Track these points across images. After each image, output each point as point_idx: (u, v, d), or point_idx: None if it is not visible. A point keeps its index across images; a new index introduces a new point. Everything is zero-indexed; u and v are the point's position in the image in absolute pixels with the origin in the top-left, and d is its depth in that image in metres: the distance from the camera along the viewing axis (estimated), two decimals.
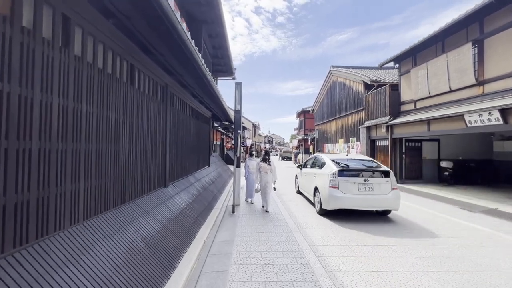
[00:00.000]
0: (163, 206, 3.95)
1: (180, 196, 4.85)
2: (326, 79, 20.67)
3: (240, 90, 6.73)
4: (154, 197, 3.88)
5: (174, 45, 3.40)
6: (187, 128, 6.16)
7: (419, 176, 11.50)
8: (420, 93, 10.00)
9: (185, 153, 5.95)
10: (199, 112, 7.72)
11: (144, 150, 3.66)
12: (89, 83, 2.38)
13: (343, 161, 6.16)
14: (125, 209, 2.99)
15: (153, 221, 3.38)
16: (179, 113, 5.46)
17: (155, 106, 4.08)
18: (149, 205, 3.58)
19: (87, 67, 2.35)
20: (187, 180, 5.93)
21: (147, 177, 3.76)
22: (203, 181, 7.14)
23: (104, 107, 2.62)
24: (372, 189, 5.50)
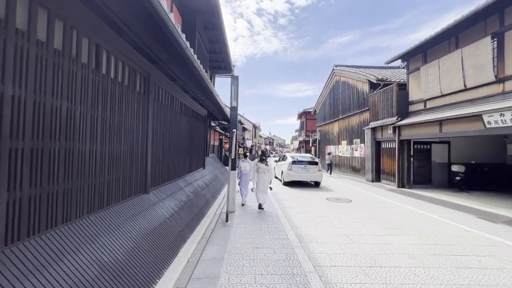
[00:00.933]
0: (140, 218, 3.30)
1: (164, 203, 4.20)
2: (328, 79, 20.04)
3: (236, 85, 6.09)
4: (128, 206, 3.23)
5: (151, 24, 2.76)
6: (177, 126, 5.52)
7: (428, 180, 10.82)
8: (430, 92, 9.34)
9: (174, 154, 5.31)
10: (193, 109, 7.09)
11: (115, 150, 3.02)
12: (19, 54, 1.74)
13: (296, 157, 11.40)
14: (81, 225, 2.34)
15: (122, 238, 2.72)
16: (166, 109, 4.82)
17: (132, 98, 3.44)
18: (120, 218, 2.93)
19: None
20: (176, 185, 5.28)
21: (119, 182, 3.11)
22: (195, 185, 6.49)
23: (48, 91, 1.98)
24: (308, 170, 10.61)
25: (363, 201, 7.90)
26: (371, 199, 8.31)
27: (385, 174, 12.07)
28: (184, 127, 6.11)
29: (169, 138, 4.99)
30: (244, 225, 5.02)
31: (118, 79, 3.11)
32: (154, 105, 4.21)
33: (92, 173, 2.59)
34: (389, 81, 12.37)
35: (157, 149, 4.38)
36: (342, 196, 8.58)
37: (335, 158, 18.63)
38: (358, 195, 8.93)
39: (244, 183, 7.07)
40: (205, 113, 8.83)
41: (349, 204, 7.38)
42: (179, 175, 5.76)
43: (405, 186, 10.62)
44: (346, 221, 5.50)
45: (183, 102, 5.98)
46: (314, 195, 8.69)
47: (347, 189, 10.54)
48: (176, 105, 5.48)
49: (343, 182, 13.04)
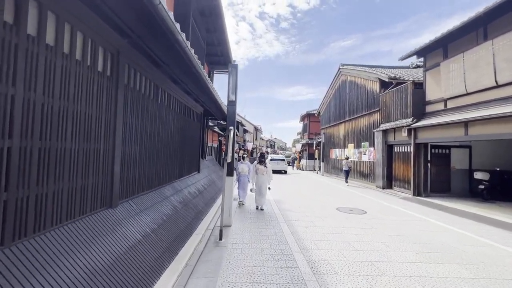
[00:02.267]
0: (94, 245, 2.35)
1: (137, 220, 3.24)
2: (334, 78, 19.12)
3: (235, 74, 5.16)
4: (75, 230, 2.28)
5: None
6: (164, 123, 4.59)
7: (446, 188, 9.80)
8: (453, 90, 8.37)
9: (158, 156, 4.37)
10: (186, 105, 6.16)
11: (57, 148, 2.08)
12: None
13: (273, 156, 21.36)
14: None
15: (56, 278, 1.77)
16: (147, 100, 3.89)
17: (90, 79, 2.51)
18: (56, 249, 1.98)
19: None
20: (159, 193, 4.33)
21: (60, 196, 2.16)
22: (185, 193, 5.53)
23: None
24: (278, 164, 19.50)
25: (378, 212, 6.90)
26: (387, 210, 7.31)
27: (397, 180, 11.06)
28: (173, 124, 5.18)
29: (151, 137, 4.05)
30: (241, 245, 4.05)
31: (70, 53, 2.17)
32: (127, 93, 3.27)
33: (14, 183, 1.64)
34: (403, 80, 11.41)
35: (132, 150, 3.44)
36: (354, 206, 7.58)
37: (340, 163, 17.62)
38: (371, 205, 7.93)
39: (242, 185, 7.11)
40: (200, 111, 7.90)
41: (364, 216, 6.39)
42: (166, 182, 4.81)
43: (421, 195, 9.60)
44: (366, 240, 4.52)
45: (172, 95, 5.06)
46: (322, 204, 7.70)
47: (357, 197, 9.54)
48: (162, 98, 4.55)
49: (351, 189, 12.03)
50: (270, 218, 5.80)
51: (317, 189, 11.54)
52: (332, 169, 19.21)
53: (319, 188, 11.97)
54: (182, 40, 3.05)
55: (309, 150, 26.87)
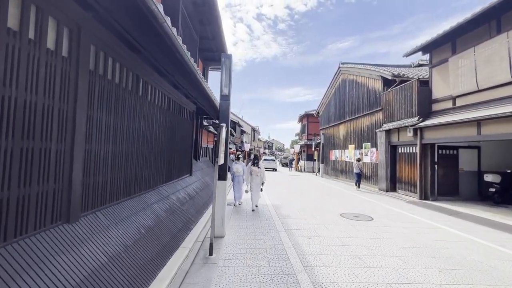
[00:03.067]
0: (36, 272, 1.74)
1: (105, 236, 2.63)
2: (333, 78, 18.62)
3: (229, 66, 4.58)
4: (13, 254, 1.67)
5: None
6: (146, 119, 3.99)
7: (454, 191, 9.28)
8: (462, 87, 7.86)
9: (138, 157, 3.76)
10: (175, 101, 5.56)
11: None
12: None
13: (266, 158, 28.36)
14: None
15: None
16: (123, 91, 3.28)
17: (33, 57, 1.91)
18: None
19: None
20: (140, 201, 3.72)
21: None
22: (173, 199, 4.92)
23: None
24: (270, 163, 25.24)
25: (386, 218, 6.34)
26: (394, 215, 6.74)
27: (402, 183, 10.53)
28: (159, 122, 4.58)
29: (129, 135, 3.45)
30: (235, 262, 3.45)
31: None
32: (94, 80, 2.67)
33: None
34: (407, 77, 10.91)
35: (101, 150, 2.84)
36: (359, 211, 7.01)
37: (340, 164, 17.09)
38: (377, 210, 7.36)
39: (237, 184, 7.31)
40: (193, 109, 7.30)
41: (371, 223, 5.82)
42: (149, 187, 4.20)
43: (428, 198, 9.07)
44: (378, 253, 3.94)
45: (157, 89, 4.46)
46: (324, 209, 7.12)
47: (360, 200, 8.98)
48: (145, 91, 3.95)
49: (353, 192, 11.47)
50: (268, 227, 5.21)
51: (317, 192, 10.97)
52: (332, 171, 18.66)
53: (319, 191, 11.40)
54: (161, 17, 2.46)
55: (308, 151, 26.35)
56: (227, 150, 4.46)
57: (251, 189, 6.96)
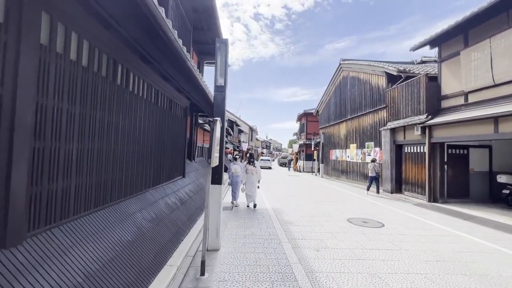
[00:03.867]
0: None
1: (61, 261, 2.02)
2: (334, 75, 18.08)
3: (224, 52, 3.97)
4: None
5: None
6: (126, 113, 3.37)
7: (465, 193, 8.76)
8: (476, 82, 7.33)
9: (116, 158, 3.14)
10: (164, 95, 4.95)
11: None
12: None
13: (262, 158, 33.78)
14: None
15: None
16: (93, 77, 2.67)
17: None
18: None
19: None
20: (117, 210, 3.10)
21: None
22: (161, 205, 4.30)
23: None
24: (266, 163, 28.57)
25: (397, 224, 5.79)
26: (406, 220, 6.19)
27: (408, 184, 10.00)
28: (145, 117, 3.96)
29: (102, 131, 2.83)
30: (231, 284, 2.85)
31: None
32: (45, 58, 2.05)
33: None
34: (413, 73, 10.38)
35: (61, 148, 2.22)
36: (367, 216, 6.45)
37: (341, 164, 16.56)
38: (385, 214, 6.81)
39: (235, 185, 7.37)
40: (186, 104, 6.68)
41: (383, 230, 5.25)
42: (131, 192, 3.58)
43: (437, 201, 8.54)
44: (400, 270, 3.36)
45: (142, 79, 3.83)
46: (329, 214, 6.55)
47: (365, 203, 8.42)
48: (124, 79, 3.33)
49: (357, 193, 10.91)
50: (269, 236, 4.62)
51: (319, 194, 10.40)
52: (332, 171, 18.13)
53: (321, 193, 10.83)
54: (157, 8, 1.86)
55: (307, 150, 25.81)
56: (222, 149, 3.86)
57: (246, 187, 7.16)
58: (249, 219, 5.77)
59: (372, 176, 10.55)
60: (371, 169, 10.56)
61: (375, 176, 10.54)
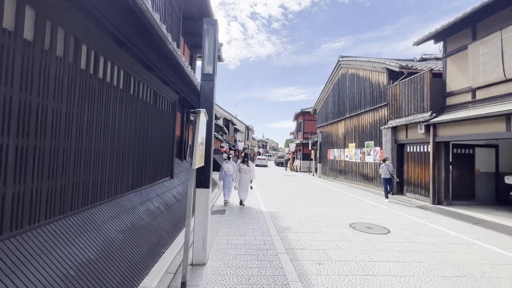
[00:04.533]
0: None
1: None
2: (332, 72, 17.63)
3: (213, 35, 3.44)
4: None
5: None
6: (92, 102, 2.81)
7: (470, 195, 8.35)
8: (485, 78, 6.90)
9: (83, 156, 2.60)
10: (148, 87, 4.39)
11: None
12: None
13: (259, 157, 34.27)
14: None
15: None
16: (42, 55, 2.11)
17: None
18: None
19: None
20: (79, 220, 2.55)
21: None
22: (140, 211, 3.75)
23: None
24: (262, 161, 31.77)
25: (404, 230, 5.32)
26: (412, 225, 5.73)
27: (411, 185, 9.57)
28: (121, 110, 3.41)
29: (58, 123, 2.27)
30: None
31: None
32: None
33: None
34: (415, 69, 9.95)
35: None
36: (370, 221, 5.97)
37: (339, 164, 16.12)
38: (389, 218, 6.35)
39: (227, 183, 7.49)
40: (174, 99, 6.12)
41: (390, 238, 4.77)
42: (102, 198, 3.02)
43: (442, 203, 8.12)
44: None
45: (116, 65, 3.28)
46: (329, 218, 6.05)
47: (366, 205, 7.96)
48: (90, 62, 2.77)
49: (358, 195, 10.46)
50: (264, 245, 4.10)
51: (317, 195, 9.92)
52: (330, 171, 17.70)
53: (319, 194, 10.35)
54: None
55: (304, 150, 25.38)
56: (210, 147, 3.32)
57: (239, 186, 7.26)
58: (243, 225, 5.24)
59: (386, 179, 8.83)
60: (384, 170, 8.84)
61: (389, 178, 8.82)
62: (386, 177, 8.84)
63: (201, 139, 2.77)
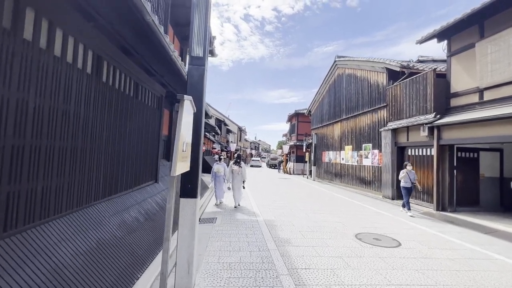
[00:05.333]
0: None
1: None
2: (328, 73, 17.23)
3: (204, 10, 2.86)
4: None
5: None
6: (41, 85, 2.13)
7: (474, 201, 7.96)
8: (494, 77, 6.52)
9: (35, 156, 1.90)
10: (127, 75, 3.72)
11: None
12: None
13: (253, 158, 40.01)
14: None
15: None
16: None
17: None
18: None
19: None
20: (21, 242, 1.86)
21: None
22: (112, 225, 3.05)
23: None
24: (256, 162, 36.90)
25: (415, 241, 4.80)
26: (422, 236, 5.23)
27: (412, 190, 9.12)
28: (91, 100, 2.73)
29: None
30: None
31: None
32: None
33: None
34: (417, 69, 9.58)
35: None
36: (376, 231, 5.44)
37: (335, 167, 15.68)
38: (395, 226, 5.84)
39: (218, 184, 7.51)
40: (161, 93, 5.44)
41: (402, 252, 4.23)
42: (55, 212, 2.33)
43: (446, 209, 7.70)
44: None
45: (78, 41, 2.60)
46: (332, 228, 5.48)
47: (369, 212, 7.45)
48: (39, 35, 2.09)
49: (357, 200, 9.97)
50: (262, 264, 3.47)
51: (315, 200, 9.37)
52: (325, 174, 17.24)
53: (317, 199, 9.81)
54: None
55: (298, 152, 24.92)
56: (199, 146, 2.69)
57: (232, 187, 7.33)
58: (236, 237, 4.59)
59: (407, 188, 7.37)
60: (404, 177, 7.39)
61: (411, 187, 7.38)
62: (407, 186, 7.36)
63: (186, 136, 2.13)
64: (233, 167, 7.34)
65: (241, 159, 7.75)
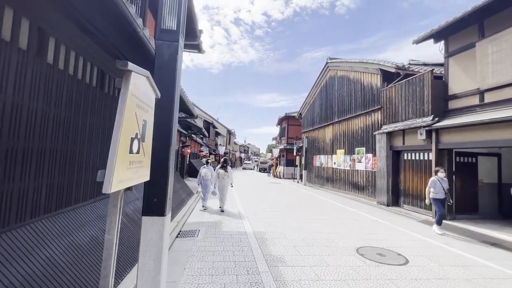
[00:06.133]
0: None
1: None
2: (319, 75, 16.89)
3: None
4: None
5: None
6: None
7: (473, 208, 7.62)
8: (495, 79, 6.21)
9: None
10: (84, 57, 3.01)
11: None
12: None
13: (246, 162, 44.61)
14: None
15: None
16: None
17: None
18: None
19: None
20: None
21: None
22: (52, 252, 2.31)
23: None
24: (248, 165, 41.87)
25: (422, 257, 4.28)
26: (429, 249, 4.72)
27: (408, 196, 8.74)
28: (26, 87, 2.01)
29: None
30: None
31: None
32: None
33: None
34: (413, 71, 9.28)
35: None
36: (378, 244, 4.89)
37: (327, 171, 15.24)
38: (398, 238, 5.33)
39: (205, 188, 7.43)
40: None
41: (412, 271, 3.69)
42: None
43: (445, 217, 7.27)
44: None
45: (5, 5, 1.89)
46: (330, 241, 4.89)
47: (366, 221, 6.93)
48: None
49: (351, 207, 9.47)
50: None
51: (308, 207, 8.80)
52: (316, 178, 16.78)
53: (310, 206, 9.24)
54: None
55: (288, 156, 24.43)
56: (168, 148, 2.02)
57: (218, 191, 7.29)
58: (221, 255, 3.91)
59: (439, 200, 5.92)
60: (436, 187, 5.96)
61: (444, 198, 5.94)
62: (439, 197, 5.89)
63: (137, 130, 1.47)
64: (219, 171, 7.28)
65: (227, 163, 7.62)
